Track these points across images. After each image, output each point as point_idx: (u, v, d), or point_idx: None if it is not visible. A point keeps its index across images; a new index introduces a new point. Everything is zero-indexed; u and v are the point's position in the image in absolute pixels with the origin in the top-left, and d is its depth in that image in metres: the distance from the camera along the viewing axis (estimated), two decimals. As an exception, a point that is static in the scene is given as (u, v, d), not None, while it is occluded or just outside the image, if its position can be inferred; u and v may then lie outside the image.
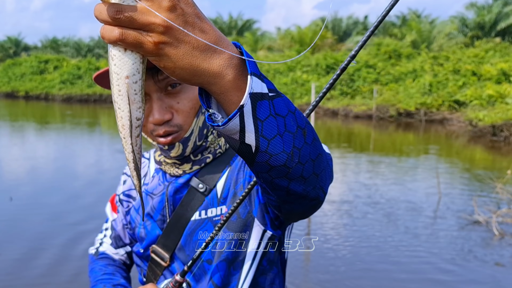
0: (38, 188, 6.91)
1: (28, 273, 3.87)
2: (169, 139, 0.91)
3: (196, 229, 0.93)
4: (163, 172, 1.01)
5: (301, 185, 0.60)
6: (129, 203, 1.07)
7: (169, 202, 0.96)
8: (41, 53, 39.79)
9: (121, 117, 0.50)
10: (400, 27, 29.53)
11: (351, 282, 3.90)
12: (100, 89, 27.85)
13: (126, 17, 0.45)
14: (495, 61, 18.22)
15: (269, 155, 0.52)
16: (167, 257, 0.96)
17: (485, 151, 11.37)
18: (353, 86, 20.14)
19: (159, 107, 0.88)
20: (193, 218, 0.94)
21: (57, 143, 12.18)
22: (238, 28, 35.20)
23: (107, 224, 1.15)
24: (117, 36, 0.46)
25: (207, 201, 0.94)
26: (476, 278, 3.99)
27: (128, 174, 1.10)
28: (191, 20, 0.48)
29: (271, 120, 0.51)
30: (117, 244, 1.13)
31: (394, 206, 6.10)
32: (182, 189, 0.96)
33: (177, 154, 0.93)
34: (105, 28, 0.47)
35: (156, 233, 0.98)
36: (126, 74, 0.49)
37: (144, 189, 1.02)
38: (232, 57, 0.51)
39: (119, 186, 1.12)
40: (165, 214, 0.97)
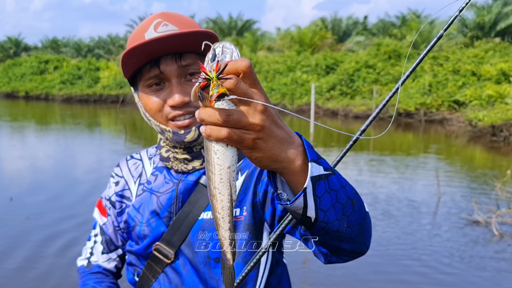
0: (38, 188, 6.91)
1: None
2: (186, 122, 0.94)
3: (209, 228, 0.95)
4: (167, 170, 1.02)
5: (349, 244, 0.72)
6: (122, 204, 1.07)
7: (178, 199, 0.98)
8: (41, 53, 39.81)
9: (221, 200, 0.59)
10: (399, 27, 29.56)
11: (351, 282, 3.91)
12: (100, 90, 27.89)
13: (234, 120, 0.54)
14: (494, 61, 18.24)
15: (325, 223, 0.64)
16: (171, 254, 0.97)
17: (485, 151, 11.39)
18: (352, 86, 20.16)
19: (179, 90, 0.92)
20: (206, 217, 0.96)
21: (56, 144, 12.19)
22: (238, 29, 35.21)
23: (96, 230, 1.13)
24: (225, 135, 0.54)
25: None
26: (476, 278, 3.99)
27: (119, 175, 1.09)
28: (275, 119, 0.59)
29: (327, 196, 0.63)
30: (109, 249, 1.12)
31: (394, 206, 6.11)
32: (192, 187, 0.98)
33: (192, 139, 0.95)
34: (213, 128, 0.55)
35: (161, 230, 0.99)
36: (228, 165, 0.58)
37: (146, 188, 1.03)
38: (301, 146, 0.62)
39: (109, 189, 1.11)
40: (172, 211, 0.98)
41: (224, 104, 0.55)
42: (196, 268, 0.97)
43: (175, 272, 0.98)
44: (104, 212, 1.11)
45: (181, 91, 0.92)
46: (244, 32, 34.16)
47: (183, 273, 0.98)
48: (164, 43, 0.87)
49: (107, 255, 1.12)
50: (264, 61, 24.73)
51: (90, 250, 1.13)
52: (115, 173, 1.11)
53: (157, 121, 0.96)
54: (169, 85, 0.93)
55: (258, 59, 25.00)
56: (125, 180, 1.07)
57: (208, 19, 36.51)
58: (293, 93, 21.26)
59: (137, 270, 1.05)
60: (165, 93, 0.93)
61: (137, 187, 1.05)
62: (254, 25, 36.20)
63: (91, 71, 30.18)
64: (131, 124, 15.60)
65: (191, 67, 0.92)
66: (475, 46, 22.16)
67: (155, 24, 0.92)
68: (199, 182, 0.98)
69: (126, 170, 1.09)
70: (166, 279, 0.99)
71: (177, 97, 0.91)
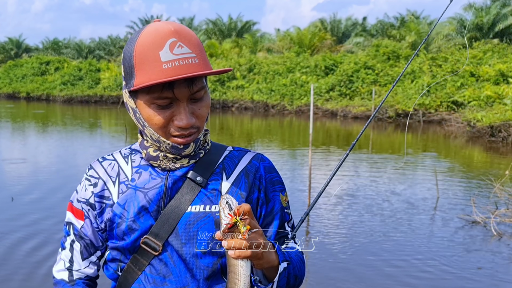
0: (38, 189, 6.95)
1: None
2: (189, 139, 1.00)
3: (198, 221, 1.01)
4: (151, 167, 1.05)
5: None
6: (102, 204, 1.06)
7: (166, 194, 1.02)
8: (42, 54, 39.84)
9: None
10: (398, 28, 29.61)
11: (350, 282, 3.96)
12: (101, 91, 27.93)
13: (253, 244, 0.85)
14: (493, 62, 18.30)
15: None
16: (159, 246, 1.00)
17: (483, 152, 11.44)
18: (352, 87, 20.20)
19: (187, 112, 0.97)
20: (194, 210, 1.01)
21: (57, 144, 12.22)
22: (237, 30, 35.23)
23: (71, 236, 1.10)
24: (249, 254, 0.85)
25: (209, 197, 1.02)
26: (474, 278, 4.03)
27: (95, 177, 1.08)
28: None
29: (283, 279, 0.99)
30: (89, 252, 1.11)
31: (393, 207, 6.16)
32: (179, 181, 1.03)
33: (189, 152, 1.03)
34: (241, 251, 0.84)
35: (149, 223, 1.01)
36: (249, 273, 0.87)
37: (131, 185, 1.04)
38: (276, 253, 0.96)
39: (84, 192, 1.09)
40: (160, 205, 1.02)
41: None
42: (183, 259, 1.01)
43: (162, 263, 1.01)
44: (81, 215, 1.09)
45: (189, 113, 0.97)
46: (244, 33, 34.19)
47: (170, 264, 1.01)
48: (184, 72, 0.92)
49: (87, 260, 1.11)
50: (263, 62, 24.77)
51: (69, 259, 1.11)
52: (89, 175, 1.09)
53: (156, 133, 0.99)
54: (176, 105, 0.96)
55: (258, 60, 25.04)
56: (103, 180, 1.07)
57: (208, 21, 36.54)
58: (292, 94, 21.30)
59: (121, 265, 1.06)
60: (171, 112, 0.97)
61: (117, 186, 1.05)
62: (253, 26, 36.22)
63: (92, 72, 30.20)
64: (131, 125, 15.64)
65: (200, 92, 0.98)
66: (473, 47, 22.22)
67: (170, 44, 0.93)
68: (186, 176, 1.03)
69: (102, 171, 1.08)
70: (153, 270, 1.02)
71: (185, 120, 0.96)
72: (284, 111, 20.96)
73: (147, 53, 0.93)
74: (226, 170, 1.07)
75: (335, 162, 9.59)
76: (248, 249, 0.83)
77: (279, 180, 1.12)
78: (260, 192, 1.08)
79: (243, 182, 1.06)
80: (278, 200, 1.10)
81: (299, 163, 9.33)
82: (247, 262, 0.86)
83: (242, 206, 0.84)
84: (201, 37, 32.93)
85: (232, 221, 0.83)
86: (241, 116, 20.43)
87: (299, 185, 7.41)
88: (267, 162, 1.12)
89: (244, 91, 22.89)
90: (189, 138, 1.00)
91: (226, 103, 22.90)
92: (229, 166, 1.08)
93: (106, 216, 1.05)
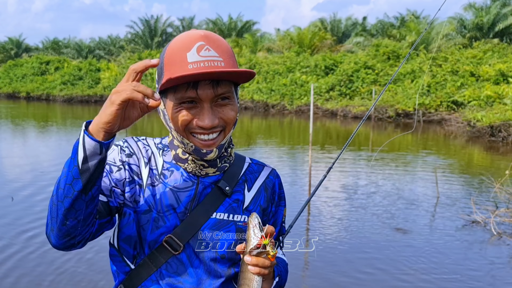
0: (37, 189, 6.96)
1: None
2: (210, 142, 1.01)
3: (221, 228, 1.06)
4: (182, 169, 1.07)
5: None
6: (132, 177, 1.04)
7: (196, 198, 1.06)
8: (42, 54, 39.86)
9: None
10: (398, 28, 29.61)
11: (350, 282, 3.96)
12: (101, 90, 27.94)
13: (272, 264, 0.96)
14: (493, 62, 18.30)
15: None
16: (181, 246, 1.03)
17: (483, 152, 11.44)
18: (351, 87, 20.20)
19: (210, 113, 0.98)
20: (219, 217, 1.06)
21: (57, 144, 12.23)
22: (237, 30, 35.26)
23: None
24: (267, 273, 0.94)
25: (233, 206, 1.08)
26: (474, 278, 4.04)
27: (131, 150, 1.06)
28: None
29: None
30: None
31: (393, 206, 6.16)
32: (208, 188, 1.07)
33: (212, 158, 1.04)
34: (262, 270, 0.94)
35: (174, 223, 1.04)
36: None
37: (162, 180, 1.05)
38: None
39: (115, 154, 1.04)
40: (188, 208, 1.05)
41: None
42: (202, 261, 1.04)
43: (180, 262, 1.03)
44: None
45: (212, 115, 0.98)
46: (244, 33, 34.21)
47: (188, 264, 1.04)
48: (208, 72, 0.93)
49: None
50: (263, 62, 24.78)
51: None
52: (125, 146, 1.07)
53: (179, 134, 1.01)
54: (200, 106, 0.98)
55: (258, 60, 25.05)
56: (137, 157, 1.06)
57: (208, 20, 36.56)
58: (292, 93, 21.31)
59: (137, 258, 1.05)
60: (195, 112, 0.98)
61: (148, 170, 1.05)
62: (253, 26, 36.26)
63: (92, 72, 30.22)
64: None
65: (225, 93, 0.99)
66: (473, 47, 22.23)
67: (198, 47, 0.95)
68: (215, 184, 1.08)
69: (137, 148, 1.08)
70: (170, 268, 1.03)
71: (207, 121, 0.98)
72: (284, 111, 20.97)
73: (176, 54, 0.97)
74: (248, 182, 1.14)
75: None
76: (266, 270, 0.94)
77: (284, 196, 1.22)
78: (273, 206, 1.17)
79: (263, 195, 1.14)
80: (281, 214, 1.20)
81: (299, 162, 9.33)
82: (261, 278, 0.95)
83: (269, 228, 0.93)
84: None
85: (262, 242, 0.92)
86: (241, 115, 20.44)
87: (299, 184, 7.41)
88: (280, 179, 1.21)
89: (244, 91, 22.90)
90: (212, 141, 1.00)
91: (226, 103, 22.90)
92: (250, 180, 1.15)
93: (132, 191, 1.03)
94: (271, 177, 1.18)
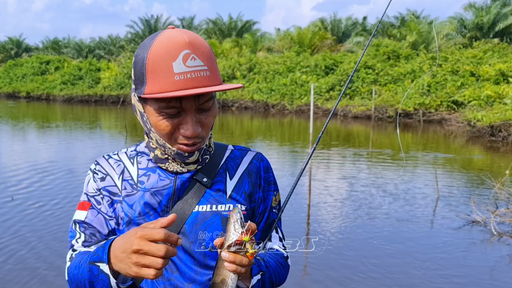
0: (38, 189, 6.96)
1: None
2: (194, 148, 1.03)
3: (205, 220, 1.05)
4: (160, 169, 1.08)
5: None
6: (111, 198, 1.08)
7: (175, 194, 1.07)
8: (42, 54, 39.85)
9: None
10: (399, 27, 29.60)
11: (350, 282, 3.96)
12: (101, 90, 27.94)
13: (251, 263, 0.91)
14: (493, 62, 18.30)
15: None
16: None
17: (484, 151, 11.45)
18: (352, 87, 20.20)
19: (194, 122, 1.00)
20: (202, 209, 1.06)
21: (57, 144, 12.23)
22: (237, 29, 35.23)
23: (76, 235, 1.09)
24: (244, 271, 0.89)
25: (215, 197, 1.07)
26: (474, 278, 4.04)
27: (103, 172, 1.10)
28: None
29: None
30: (90, 241, 1.09)
31: (393, 206, 6.16)
32: (186, 183, 1.08)
33: (193, 161, 1.07)
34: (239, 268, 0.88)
35: None
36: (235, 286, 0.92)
37: (140, 188, 1.07)
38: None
39: (94, 183, 1.09)
40: (169, 206, 1.06)
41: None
42: (191, 256, 1.05)
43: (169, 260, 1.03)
44: (86, 207, 1.09)
45: (195, 123, 1.00)
46: (244, 33, 34.18)
47: (177, 261, 1.05)
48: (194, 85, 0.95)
49: (88, 248, 1.08)
50: (263, 61, 24.77)
51: (71, 253, 1.09)
52: (97, 170, 1.11)
53: (162, 139, 1.02)
54: (184, 115, 0.99)
55: (258, 60, 25.04)
56: (111, 176, 1.09)
57: (208, 20, 36.54)
58: (292, 93, 21.31)
59: None
60: (178, 120, 0.99)
61: (121, 182, 1.08)
62: (253, 26, 36.21)
63: (92, 72, 30.22)
64: (131, 125, 15.65)
65: (207, 103, 1.01)
66: (474, 47, 22.23)
67: (183, 56, 0.95)
68: (193, 178, 1.08)
69: (109, 167, 1.11)
70: None
71: (191, 130, 0.99)
72: (284, 110, 20.97)
73: (161, 62, 0.95)
74: (229, 170, 1.12)
75: (335, 161, 9.60)
76: (243, 269, 0.88)
77: (274, 180, 1.18)
78: (260, 191, 1.14)
79: (247, 181, 1.12)
80: (271, 200, 1.16)
81: (300, 162, 9.33)
82: (236, 276, 0.91)
83: (251, 225, 0.88)
84: (201, 37, 32.92)
85: (242, 239, 0.87)
86: (241, 115, 20.43)
87: (299, 184, 7.42)
88: (265, 162, 1.17)
89: (244, 91, 22.89)
90: (194, 147, 1.03)
91: (226, 103, 22.90)
92: (232, 167, 1.13)
93: (115, 210, 1.08)
94: (255, 162, 1.15)
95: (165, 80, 0.94)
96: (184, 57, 0.95)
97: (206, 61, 0.98)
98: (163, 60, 0.95)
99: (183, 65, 0.94)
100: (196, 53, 0.96)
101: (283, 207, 1.15)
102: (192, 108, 0.98)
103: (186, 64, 0.94)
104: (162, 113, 0.98)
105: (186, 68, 0.94)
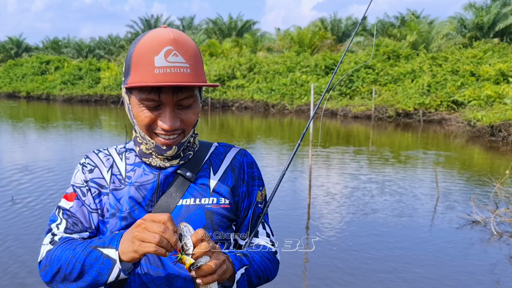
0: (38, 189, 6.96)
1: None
2: (171, 142, 1.06)
3: (189, 213, 1.08)
4: (145, 164, 1.12)
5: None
6: (98, 189, 1.10)
7: (159, 189, 1.09)
8: (42, 53, 39.82)
9: None
10: (399, 27, 29.60)
11: (350, 282, 3.96)
12: (101, 90, 27.94)
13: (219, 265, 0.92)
14: (493, 62, 18.30)
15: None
16: None
17: (484, 151, 11.45)
18: (352, 87, 20.20)
19: (172, 117, 1.03)
20: (185, 203, 1.08)
21: (57, 144, 12.23)
22: (238, 29, 35.22)
23: (57, 221, 1.09)
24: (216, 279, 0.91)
25: (199, 191, 1.10)
26: (474, 278, 4.04)
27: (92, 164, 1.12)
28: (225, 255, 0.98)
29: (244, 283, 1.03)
30: (73, 229, 1.08)
31: (393, 206, 6.16)
32: (170, 177, 1.10)
33: (171, 155, 1.09)
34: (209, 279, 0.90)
35: (143, 216, 1.02)
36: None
37: (127, 182, 1.09)
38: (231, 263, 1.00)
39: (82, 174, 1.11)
40: (153, 200, 1.08)
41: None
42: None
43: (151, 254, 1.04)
44: (72, 197, 1.11)
45: (173, 117, 1.03)
46: (244, 32, 34.18)
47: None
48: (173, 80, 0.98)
49: (70, 235, 1.08)
50: (263, 61, 24.77)
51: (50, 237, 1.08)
52: (86, 163, 1.13)
53: (143, 132, 1.06)
54: (164, 108, 1.03)
55: (258, 60, 25.04)
56: (99, 169, 1.12)
57: (208, 20, 36.53)
58: (292, 93, 21.31)
59: None
60: (157, 113, 1.03)
61: (109, 176, 1.11)
62: (253, 25, 36.20)
63: (92, 72, 30.22)
64: (131, 125, 15.63)
65: (185, 100, 1.04)
66: (474, 47, 22.22)
67: (165, 52, 0.99)
68: (176, 172, 1.11)
69: (98, 160, 1.14)
70: (147, 260, 1.06)
71: (168, 123, 1.02)
72: (284, 110, 20.97)
73: (144, 55, 1.00)
74: (213, 165, 1.15)
75: (335, 161, 9.60)
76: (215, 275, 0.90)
77: (258, 175, 1.20)
78: (244, 186, 1.16)
79: (230, 176, 1.14)
80: (255, 195, 1.18)
81: (300, 162, 9.33)
82: (215, 283, 0.93)
83: (198, 233, 0.89)
84: (201, 37, 32.93)
85: (178, 258, 0.89)
86: (241, 115, 20.43)
87: (299, 184, 7.42)
88: (249, 158, 1.20)
89: (244, 91, 22.90)
90: (172, 140, 1.06)
91: (226, 103, 22.90)
92: (216, 162, 1.16)
93: (102, 201, 1.10)
94: (238, 157, 1.17)
95: (146, 72, 0.98)
96: (166, 52, 0.99)
97: (189, 59, 1.01)
98: (146, 54, 0.99)
99: (164, 60, 0.98)
100: (178, 50, 1.00)
101: (268, 202, 1.17)
102: (171, 102, 1.01)
103: (167, 59, 0.99)
104: (143, 105, 1.02)
105: (167, 63, 0.98)
